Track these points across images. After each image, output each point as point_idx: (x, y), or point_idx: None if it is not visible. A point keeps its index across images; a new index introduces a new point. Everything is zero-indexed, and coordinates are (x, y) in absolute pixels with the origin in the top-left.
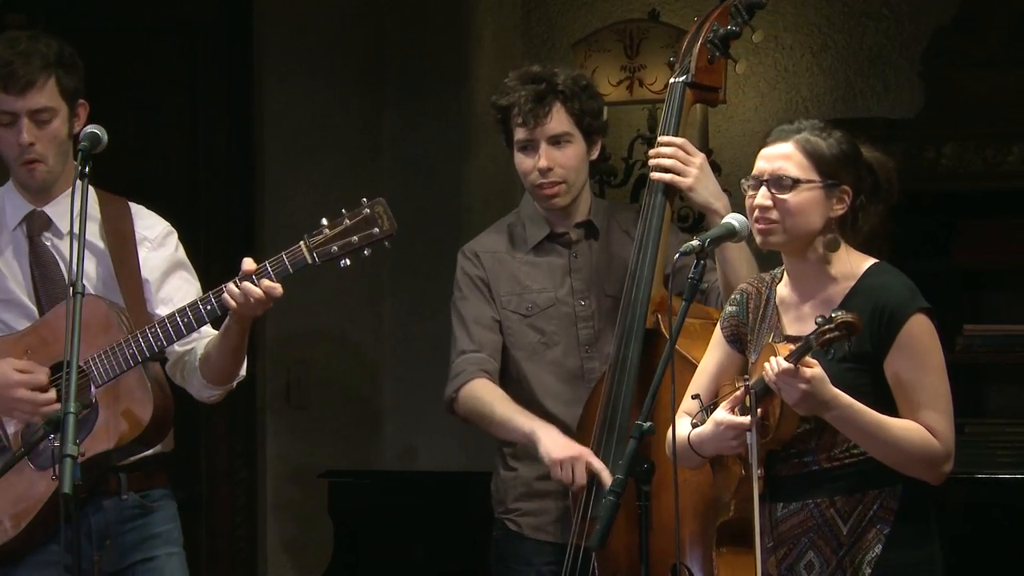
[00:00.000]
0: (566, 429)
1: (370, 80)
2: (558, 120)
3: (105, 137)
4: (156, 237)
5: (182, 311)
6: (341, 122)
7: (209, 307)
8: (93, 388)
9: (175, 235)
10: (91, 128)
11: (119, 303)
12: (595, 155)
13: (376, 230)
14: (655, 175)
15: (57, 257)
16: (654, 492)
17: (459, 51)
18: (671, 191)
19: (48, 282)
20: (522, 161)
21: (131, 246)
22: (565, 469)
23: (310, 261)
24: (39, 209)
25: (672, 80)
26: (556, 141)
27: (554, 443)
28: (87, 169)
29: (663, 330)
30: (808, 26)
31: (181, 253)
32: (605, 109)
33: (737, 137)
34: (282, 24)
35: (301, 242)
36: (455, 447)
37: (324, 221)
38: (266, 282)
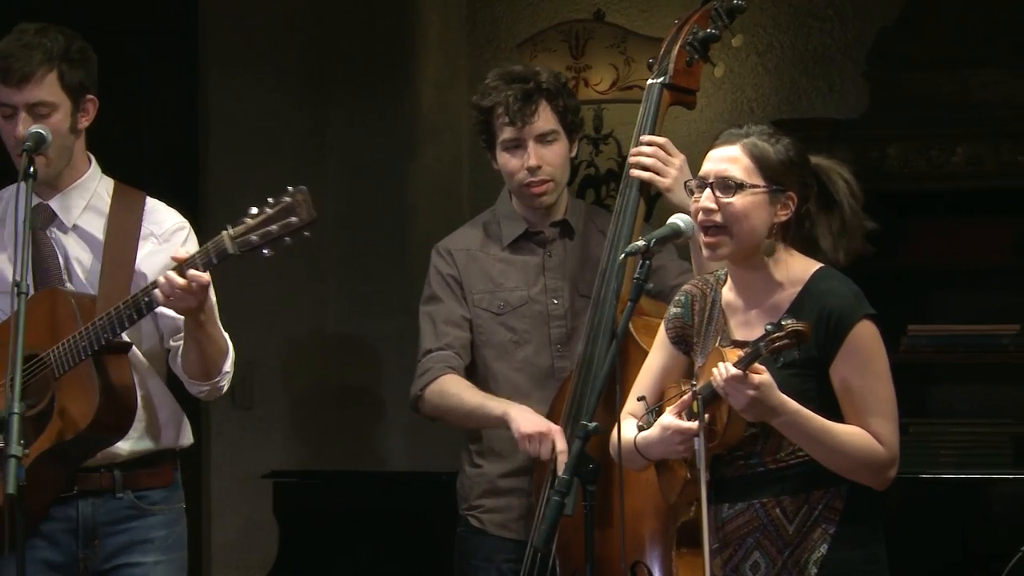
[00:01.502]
0: None
1: (315, 80)
2: (545, 118)
3: (50, 137)
4: (163, 233)
5: (126, 303)
6: (286, 122)
7: (147, 299)
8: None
9: (184, 231)
10: (36, 128)
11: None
12: (574, 152)
13: (295, 219)
14: (634, 172)
15: (57, 251)
16: (612, 490)
17: (404, 51)
18: (645, 190)
19: (46, 276)
20: (508, 161)
21: (132, 240)
22: (533, 443)
23: (232, 251)
24: (45, 203)
25: (650, 81)
26: (543, 139)
27: (524, 419)
28: (32, 169)
29: (632, 330)
30: (753, 26)
31: (188, 249)
32: (580, 108)
33: (683, 138)
34: (227, 25)
35: (224, 232)
36: (402, 447)
37: (252, 210)
38: (191, 271)
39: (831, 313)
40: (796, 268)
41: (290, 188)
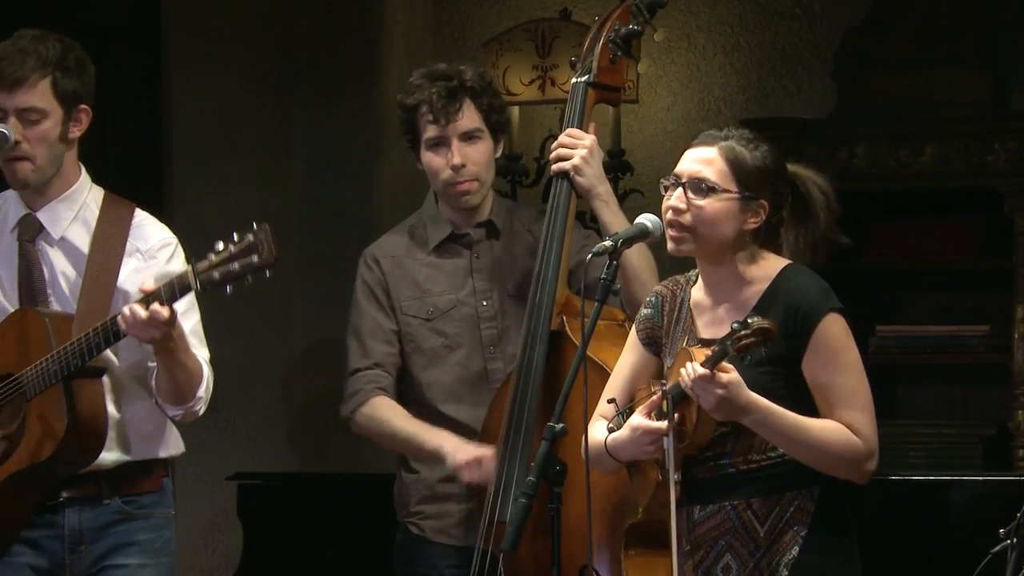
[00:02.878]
0: (468, 432)
1: (280, 80)
2: (469, 116)
3: (13, 137)
4: (148, 249)
5: (95, 330)
6: (251, 123)
7: (115, 328)
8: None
9: (171, 248)
10: None
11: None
12: (499, 153)
13: (255, 258)
14: (552, 167)
15: (43, 264)
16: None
17: (369, 50)
18: (575, 189)
19: (32, 289)
20: (432, 159)
21: (115, 257)
22: (472, 470)
23: (195, 287)
24: (33, 213)
25: (574, 80)
26: (468, 138)
27: (459, 449)
28: None
29: (568, 332)
30: (720, 25)
31: (173, 267)
32: (516, 109)
33: (650, 137)
34: (190, 24)
35: (189, 267)
36: (366, 449)
37: (219, 246)
38: (154, 305)
39: (798, 308)
40: (765, 265)
41: (255, 224)
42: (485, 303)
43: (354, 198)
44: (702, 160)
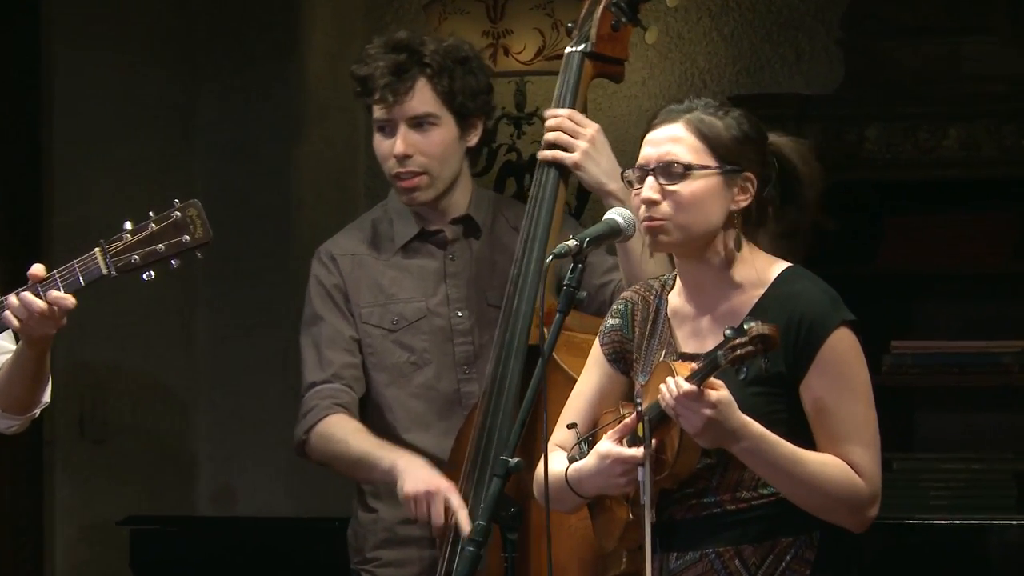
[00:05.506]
0: (435, 463)
1: (181, 50)
2: (421, 98)
3: None
4: None
5: None
6: (147, 100)
7: None
8: None
9: None
10: None
11: None
12: (473, 140)
13: (186, 237)
14: (541, 154)
15: None
16: (531, 540)
17: (287, 14)
18: (566, 177)
19: None
20: (379, 144)
21: None
22: (419, 504)
23: (105, 271)
24: None
25: (569, 49)
26: (418, 123)
27: (412, 476)
28: None
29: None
30: None
31: None
32: (492, 86)
33: (621, 117)
34: None
35: (96, 249)
36: (280, 489)
37: (127, 225)
38: (53, 293)
39: (801, 320)
40: (758, 267)
41: (177, 201)
42: (460, 314)
43: (269, 188)
44: (668, 139)
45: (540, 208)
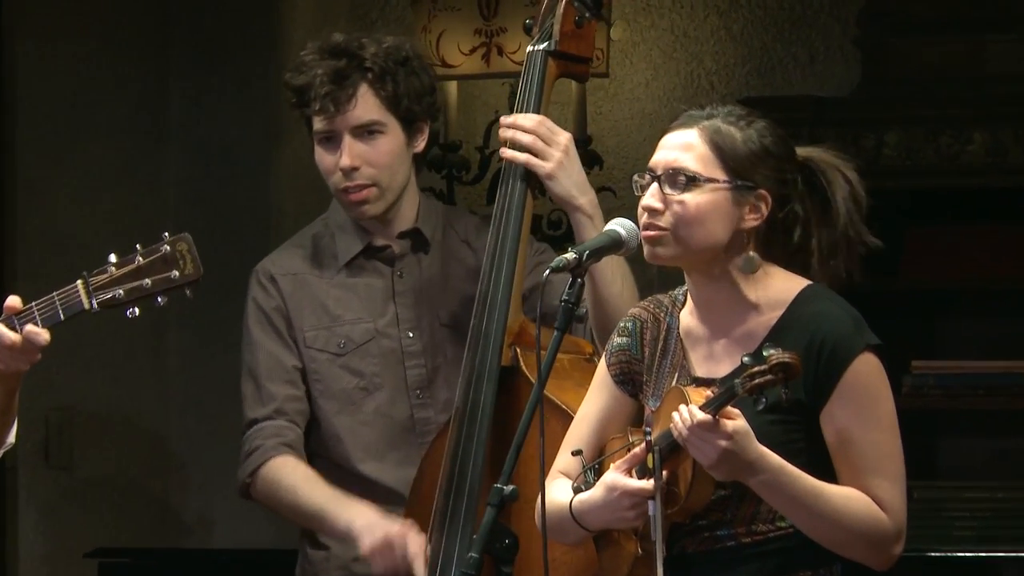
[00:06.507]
0: (393, 498)
1: (152, 46)
2: (364, 106)
3: None
4: None
5: None
6: (115, 99)
7: None
8: None
9: None
10: None
11: None
12: (420, 146)
13: (175, 273)
14: (507, 154)
15: None
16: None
17: (267, 9)
18: (534, 183)
19: None
20: (322, 158)
21: None
22: (384, 558)
23: (87, 306)
24: None
25: (531, 48)
26: (363, 132)
27: (369, 533)
28: None
29: (523, 367)
30: None
31: None
32: (436, 86)
33: (623, 121)
34: None
35: (79, 281)
36: (259, 519)
37: (112, 257)
38: (29, 327)
39: (823, 343)
40: (776, 286)
41: (167, 234)
42: (411, 335)
43: (247, 196)
44: (680, 146)
45: (508, 220)
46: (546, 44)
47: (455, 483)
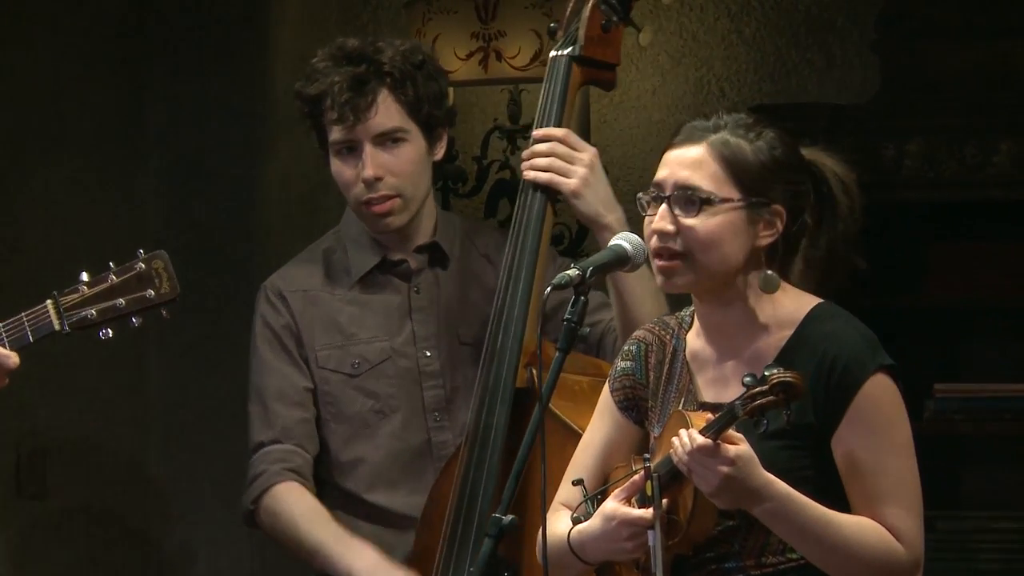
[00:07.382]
0: (404, 522)
1: (129, 51)
2: (386, 113)
3: None
4: None
5: None
6: (91, 111)
7: None
8: None
9: None
10: None
11: None
12: (439, 154)
13: (151, 292)
14: (528, 174)
15: None
16: None
17: (252, 14)
18: (553, 199)
19: None
20: (341, 170)
21: None
22: None
23: (57, 327)
24: None
25: (554, 53)
26: (386, 141)
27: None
28: None
29: (538, 389)
30: None
31: None
32: (451, 92)
33: (629, 130)
34: None
35: (49, 301)
36: (246, 549)
37: (84, 276)
38: None
39: (834, 364)
40: (787, 305)
41: (141, 251)
42: (428, 354)
43: (231, 210)
44: (688, 163)
45: (526, 234)
46: (571, 49)
47: (464, 509)
